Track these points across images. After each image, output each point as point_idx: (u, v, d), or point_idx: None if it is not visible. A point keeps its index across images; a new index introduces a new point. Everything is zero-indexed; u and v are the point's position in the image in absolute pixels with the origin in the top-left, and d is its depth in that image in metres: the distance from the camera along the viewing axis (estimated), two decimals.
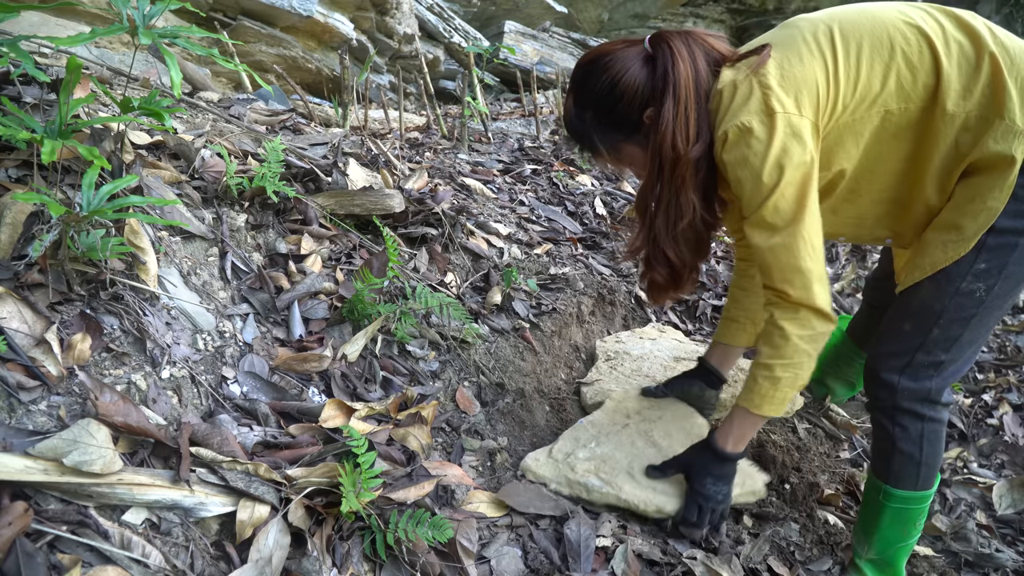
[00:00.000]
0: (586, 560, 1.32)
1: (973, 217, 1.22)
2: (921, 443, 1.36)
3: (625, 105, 1.30)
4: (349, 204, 1.94)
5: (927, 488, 1.40)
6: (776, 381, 1.32)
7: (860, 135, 1.25)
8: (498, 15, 6.84)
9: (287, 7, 4.05)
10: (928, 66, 1.20)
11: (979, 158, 1.20)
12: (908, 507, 1.41)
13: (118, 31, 1.28)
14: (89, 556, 0.92)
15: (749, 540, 1.53)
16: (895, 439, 1.37)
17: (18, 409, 1.03)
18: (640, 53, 1.29)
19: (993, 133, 1.17)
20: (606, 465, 1.55)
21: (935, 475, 1.40)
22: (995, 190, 1.19)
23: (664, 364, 2.05)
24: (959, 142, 1.21)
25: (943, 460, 1.40)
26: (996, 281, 1.24)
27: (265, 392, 1.40)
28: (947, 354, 1.30)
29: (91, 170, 1.21)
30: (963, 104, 1.19)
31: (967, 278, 1.24)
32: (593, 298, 2.32)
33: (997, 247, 1.22)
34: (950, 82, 1.18)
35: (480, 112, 3.57)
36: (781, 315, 1.29)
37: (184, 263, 1.49)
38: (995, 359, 2.64)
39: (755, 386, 1.36)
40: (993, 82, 1.17)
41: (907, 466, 1.38)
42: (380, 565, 1.16)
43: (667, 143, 1.25)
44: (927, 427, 1.35)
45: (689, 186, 1.29)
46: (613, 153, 1.39)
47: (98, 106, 1.75)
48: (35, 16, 2.72)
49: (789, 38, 1.26)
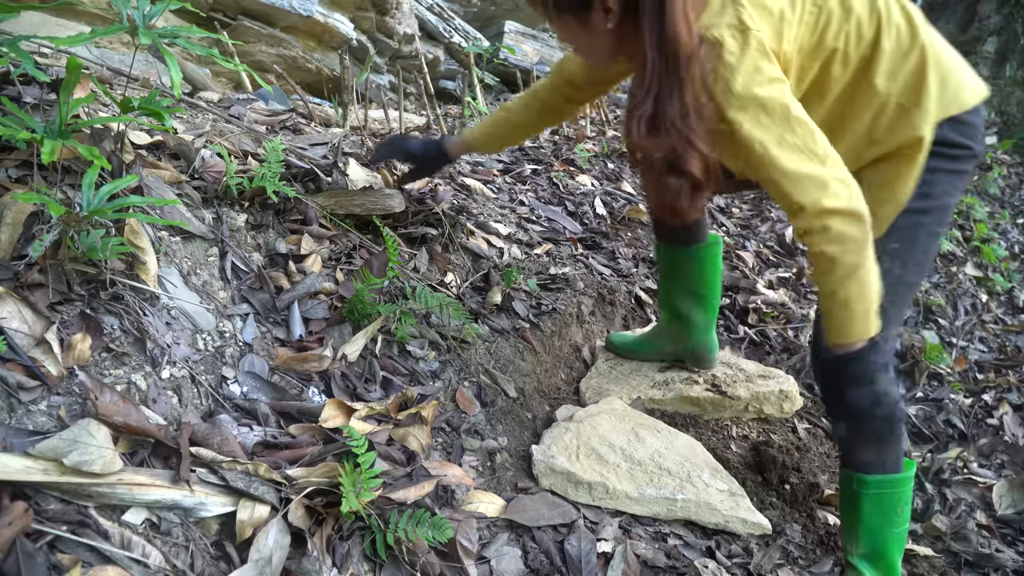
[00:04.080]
0: (589, 573, 1.32)
1: (884, 203, 1.31)
2: (880, 422, 1.36)
3: None
4: (349, 204, 1.94)
5: (897, 471, 1.40)
6: (846, 303, 1.25)
7: (800, 84, 1.29)
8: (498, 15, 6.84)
9: (287, 7, 4.05)
10: (870, 38, 1.26)
11: (893, 146, 1.29)
12: (888, 492, 1.41)
13: (118, 31, 1.28)
14: (89, 556, 0.92)
15: (758, 549, 1.53)
16: (851, 421, 1.39)
17: (18, 409, 1.03)
18: None
19: (911, 120, 1.26)
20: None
21: (901, 458, 1.41)
22: (904, 176, 1.29)
23: (663, 364, 2.05)
24: (875, 123, 1.29)
25: (907, 446, 1.43)
26: (908, 259, 1.33)
27: (265, 392, 1.40)
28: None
29: (91, 170, 1.21)
30: (888, 85, 1.27)
31: (883, 259, 1.28)
32: (593, 298, 2.32)
33: (905, 227, 1.32)
34: (883, 58, 1.26)
35: (480, 112, 3.57)
36: (816, 240, 1.21)
37: (184, 263, 1.49)
38: (995, 359, 2.64)
39: (832, 320, 1.30)
40: (917, 71, 1.26)
41: (868, 447, 1.39)
42: (380, 565, 1.16)
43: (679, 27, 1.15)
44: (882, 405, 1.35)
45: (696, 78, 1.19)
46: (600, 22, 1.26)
47: (98, 106, 1.75)
48: (35, 16, 2.72)
49: None
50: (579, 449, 1.60)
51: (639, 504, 1.52)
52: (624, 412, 1.78)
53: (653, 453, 1.62)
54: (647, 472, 1.57)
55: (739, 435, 1.92)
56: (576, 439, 1.63)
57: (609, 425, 1.69)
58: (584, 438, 1.63)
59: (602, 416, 1.73)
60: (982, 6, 7.26)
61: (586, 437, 1.64)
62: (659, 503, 1.52)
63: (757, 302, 2.69)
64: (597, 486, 1.51)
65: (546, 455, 1.57)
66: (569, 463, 1.55)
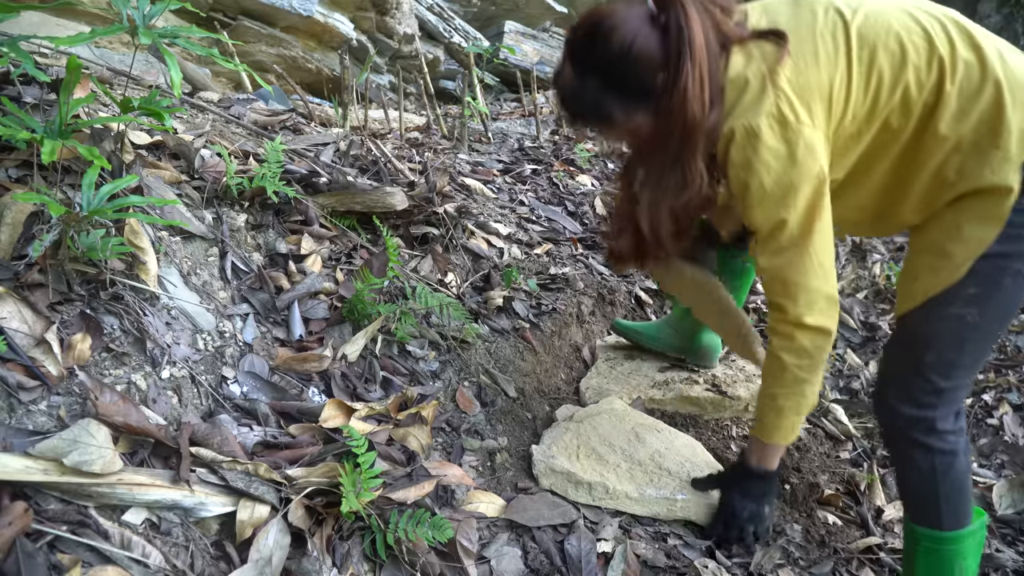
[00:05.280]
0: (589, 573, 1.32)
1: (963, 244, 1.19)
2: (934, 477, 1.29)
3: (639, 71, 1.17)
4: (350, 202, 1.94)
5: (957, 527, 1.31)
6: (780, 411, 1.32)
7: (859, 145, 1.22)
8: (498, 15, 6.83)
9: (287, 7, 4.05)
10: (932, 85, 1.16)
11: (972, 187, 1.16)
12: (939, 548, 1.33)
13: (118, 31, 1.28)
14: (89, 556, 0.92)
15: (760, 548, 1.53)
16: (909, 475, 1.34)
17: (18, 409, 1.03)
18: (645, 14, 1.18)
19: (989, 163, 1.14)
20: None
21: (964, 512, 1.32)
22: (988, 219, 1.16)
23: (663, 364, 2.05)
24: (946, 164, 1.17)
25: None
26: (987, 306, 1.21)
27: (265, 392, 1.40)
28: (946, 381, 1.25)
29: (91, 170, 1.21)
30: (956, 127, 1.15)
31: (956, 303, 1.21)
32: (593, 298, 2.32)
33: (987, 272, 1.19)
34: (948, 103, 1.15)
35: (480, 112, 3.57)
36: (779, 343, 1.28)
37: (184, 263, 1.49)
38: (995, 359, 2.64)
39: (763, 416, 1.36)
40: (993, 110, 1.14)
41: (926, 503, 1.32)
42: (380, 565, 1.16)
43: (685, 107, 1.15)
44: (938, 460, 1.28)
45: (698, 155, 1.20)
46: (624, 122, 1.25)
47: (98, 106, 1.75)
48: (35, 16, 2.72)
49: (807, 31, 1.19)
50: (579, 449, 1.60)
51: (639, 504, 1.52)
52: (624, 412, 1.78)
53: (653, 453, 1.62)
54: (647, 472, 1.57)
55: (739, 435, 1.92)
56: (576, 439, 1.63)
57: (609, 425, 1.69)
58: (584, 438, 1.63)
59: (602, 416, 1.73)
60: (982, 5, 7.25)
61: (586, 437, 1.64)
62: (659, 503, 1.52)
63: (757, 302, 2.69)
64: (597, 486, 1.51)
65: (546, 455, 1.57)
66: (569, 463, 1.55)
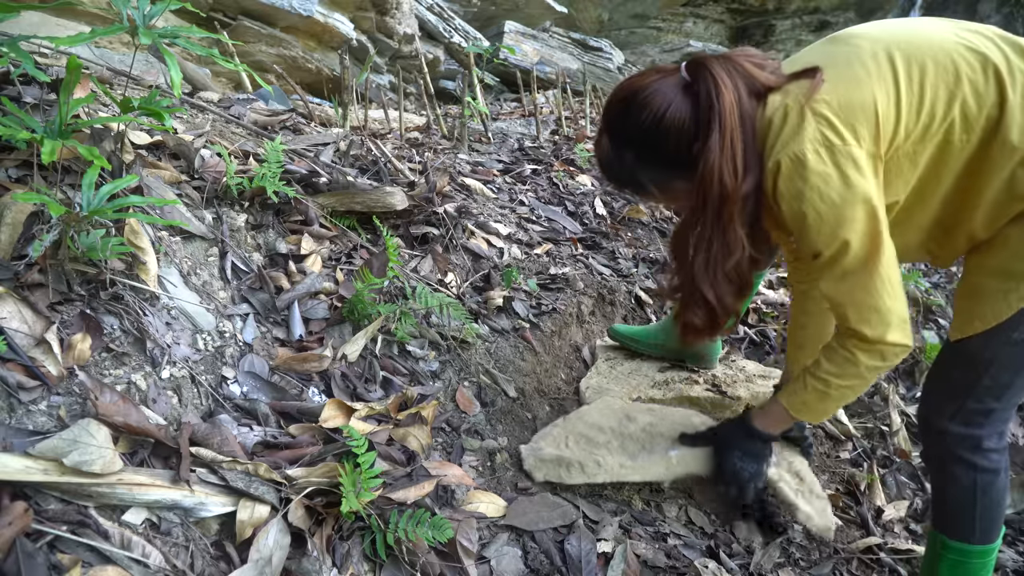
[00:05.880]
0: (589, 573, 1.32)
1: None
2: (975, 493, 1.31)
3: (672, 142, 1.19)
4: (350, 202, 1.94)
5: (986, 542, 1.34)
6: (825, 396, 1.30)
7: (917, 164, 1.18)
8: (498, 15, 6.84)
9: (287, 7, 4.05)
10: (994, 97, 1.12)
11: None
12: (966, 561, 1.35)
13: (118, 31, 1.28)
14: (89, 556, 0.92)
15: (760, 548, 1.53)
16: (948, 489, 1.34)
17: (18, 409, 1.03)
18: (678, 83, 1.18)
19: None
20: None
21: (996, 528, 1.35)
22: None
23: (663, 364, 2.05)
24: (1015, 177, 1.13)
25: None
26: None
27: (265, 392, 1.40)
28: (998, 402, 1.26)
29: (91, 170, 1.21)
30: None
31: (1020, 328, 1.19)
32: (593, 298, 2.32)
33: None
34: (1015, 114, 1.11)
35: (480, 112, 3.57)
36: (857, 345, 1.24)
37: (184, 263, 1.49)
38: None
39: (803, 392, 1.34)
40: None
41: (961, 517, 1.33)
42: (380, 565, 1.16)
43: (715, 179, 1.15)
44: (980, 477, 1.30)
45: (737, 223, 1.20)
46: (663, 192, 1.29)
47: (98, 106, 1.75)
48: (35, 16, 2.72)
49: (843, 60, 1.17)
50: (567, 439, 1.62)
51: (635, 471, 1.52)
52: (616, 403, 1.79)
53: (646, 425, 1.64)
54: (638, 441, 1.59)
55: None
56: (564, 431, 1.66)
57: (599, 414, 1.71)
58: (571, 428, 1.66)
59: (592, 409, 1.75)
60: (982, 5, 7.25)
61: (573, 427, 1.66)
62: (655, 464, 1.52)
63: (757, 302, 2.69)
64: (588, 463, 1.53)
65: (534, 450, 1.60)
66: (557, 450, 1.57)
